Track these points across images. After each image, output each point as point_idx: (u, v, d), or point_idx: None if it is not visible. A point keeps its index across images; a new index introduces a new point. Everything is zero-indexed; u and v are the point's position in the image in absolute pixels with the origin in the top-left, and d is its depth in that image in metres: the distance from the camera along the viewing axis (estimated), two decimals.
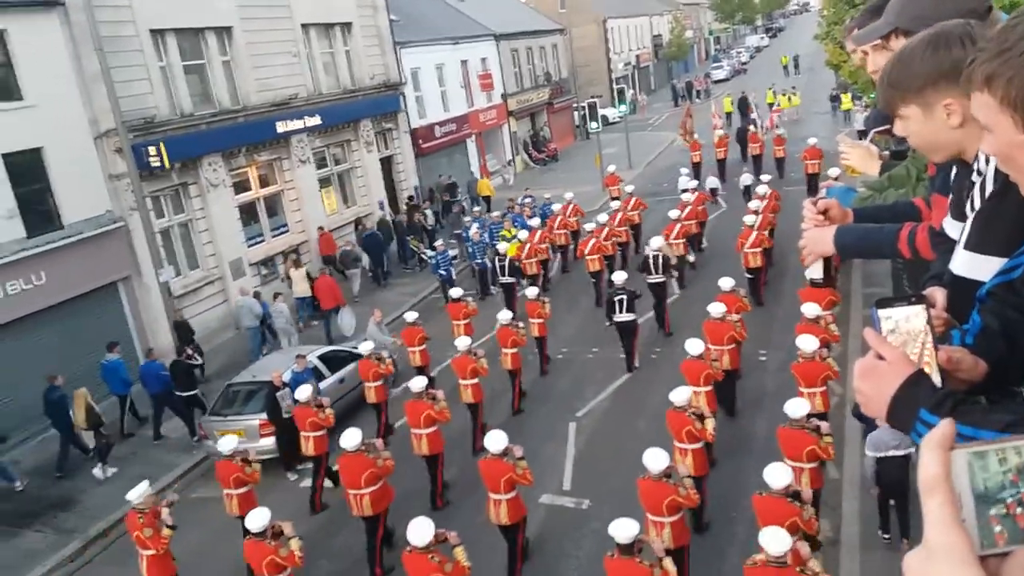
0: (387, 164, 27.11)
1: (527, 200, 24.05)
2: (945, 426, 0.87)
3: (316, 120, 22.71)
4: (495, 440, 9.05)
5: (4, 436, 13.58)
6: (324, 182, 24.13)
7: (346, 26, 24.97)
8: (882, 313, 1.44)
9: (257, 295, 18.33)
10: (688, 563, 8.36)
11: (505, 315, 13.86)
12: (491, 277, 19.77)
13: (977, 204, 1.81)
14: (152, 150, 17.19)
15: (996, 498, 0.80)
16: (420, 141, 28.78)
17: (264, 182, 21.83)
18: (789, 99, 39.48)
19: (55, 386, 13.55)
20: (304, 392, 11.62)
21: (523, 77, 39.03)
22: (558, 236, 20.87)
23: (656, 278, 15.86)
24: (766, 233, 16.84)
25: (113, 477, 13.39)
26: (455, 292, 16.09)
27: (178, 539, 11.62)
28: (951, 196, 1.99)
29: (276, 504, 11.86)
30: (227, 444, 10.57)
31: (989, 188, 1.77)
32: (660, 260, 15.81)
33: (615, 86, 39.32)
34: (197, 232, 19.22)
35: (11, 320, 14.66)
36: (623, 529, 7.00)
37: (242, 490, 10.62)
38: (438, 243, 20.39)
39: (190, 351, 15.48)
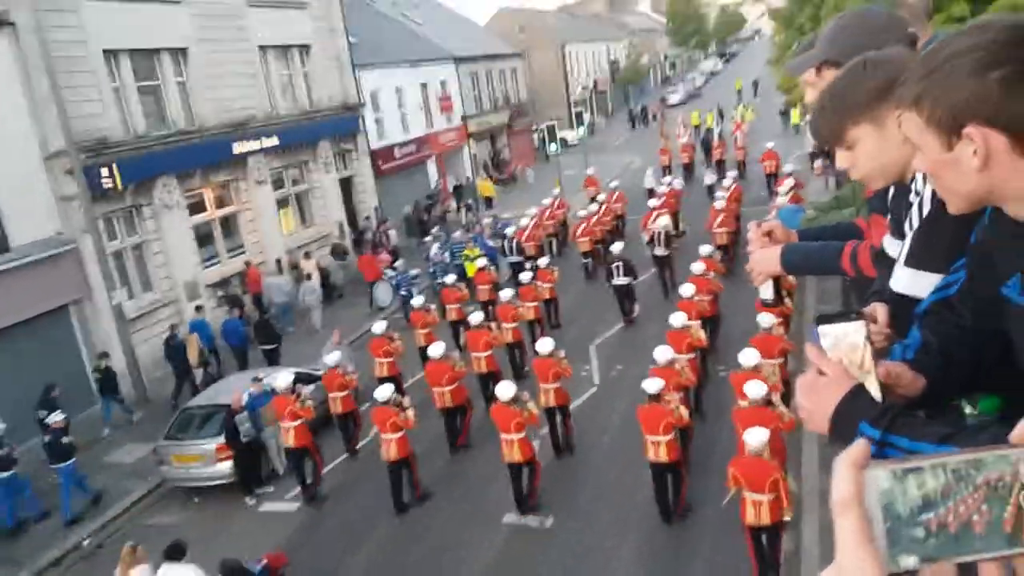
0: (346, 185, 26.98)
1: (487, 220, 24.16)
2: (859, 446, 0.88)
3: (273, 141, 22.52)
4: (544, 344, 12.24)
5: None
6: (282, 203, 23.89)
7: (304, 48, 24.90)
8: (822, 329, 1.48)
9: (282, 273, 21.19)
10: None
11: (507, 293, 15.89)
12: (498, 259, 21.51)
13: (915, 223, 1.87)
14: (104, 171, 16.88)
15: (916, 520, 0.81)
16: (380, 162, 28.73)
17: (220, 203, 21.54)
18: (743, 115, 41.12)
19: (175, 335, 16.65)
20: (384, 392, 11.29)
21: (483, 100, 39.29)
22: (547, 227, 23.85)
23: (661, 251, 18.73)
24: (732, 218, 19.99)
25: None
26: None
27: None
28: (890, 215, 2.05)
29: (236, 530, 11.69)
30: (383, 392, 11.29)
31: (927, 207, 1.83)
32: (664, 236, 18.66)
33: (574, 109, 39.79)
34: (151, 254, 18.87)
35: None
36: (652, 384, 9.92)
37: (398, 435, 11.13)
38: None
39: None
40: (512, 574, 9.93)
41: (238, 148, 21.17)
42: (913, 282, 1.83)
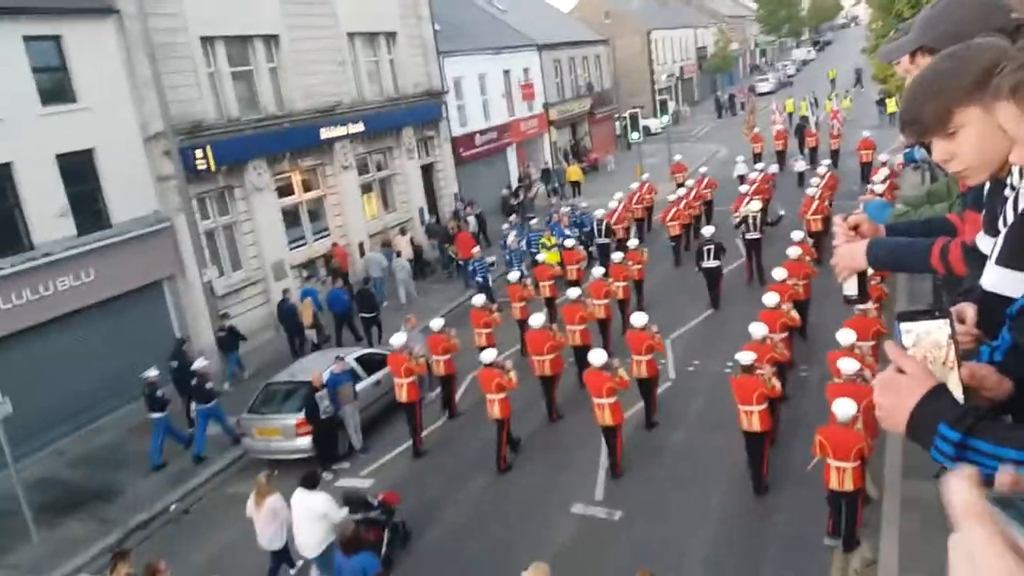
0: (427, 171, 27.35)
1: (564, 210, 24.07)
2: (968, 470, 0.86)
3: (359, 127, 23.00)
4: (639, 318, 12.83)
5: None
6: (366, 188, 24.42)
7: (391, 35, 25.28)
8: (904, 327, 1.44)
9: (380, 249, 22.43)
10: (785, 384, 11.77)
11: (591, 279, 15.96)
12: (588, 240, 21.93)
13: (1009, 219, 1.78)
14: (199, 153, 17.60)
15: None
16: (460, 149, 28.98)
17: (307, 187, 22.17)
18: (842, 101, 40.73)
19: (286, 299, 18.11)
20: (489, 355, 12.37)
21: (565, 87, 39.08)
22: (636, 211, 23.99)
23: (753, 235, 18.69)
24: (826, 204, 19.85)
25: (156, 473, 13.70)
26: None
27: (211, 535, 11.89)
28: (984, 211, 1.96)
29: None
30: (488, 355, 12.23)
31: (1022, 204, 1.74)
32: (756, 219, 18.65)
33: (658, 97, 39.25)
34: (241, 234, 19.59)
35: (60, 315, 15.07)
36: (745, 356, 10.43)
37: (501, 395, 12.02)
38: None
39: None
40: (578, 563, 9.95)
41: (325, 133, 21.71)
42: (1005, 281, 1.75)
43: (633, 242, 18.92)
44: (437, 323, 14.39)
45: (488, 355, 12.34)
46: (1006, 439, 1.29)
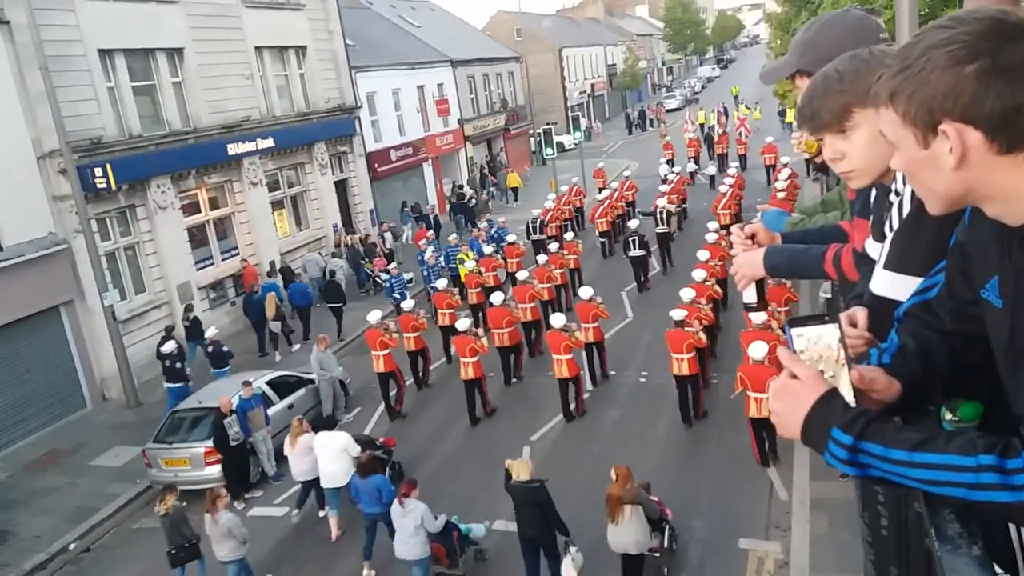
0: (342, 187, 26.93)
1: (482, 225, 24.15)
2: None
3: (269, 142, 22.46)
4: (585, 291, 14.72)
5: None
6: (277, 205, 23.84)
7: (301, 49, 24.86)
8: (795, 332, 1.44)
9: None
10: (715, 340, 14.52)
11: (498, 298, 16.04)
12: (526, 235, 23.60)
13: (895, 224, 1.83)
14: (98, 171, 16.78)
15: None
16: (375, 165, 28.68)
17: (214, 205, 21.47)
18: (752, 112, 43.38)
19: (254, 292, 18.93)
20: (463, 324, 14.03)
21: (480, 103, 39.26)
22: (566, 211, 25.87)
23: (663, 228, 21.04)
24: (735, 201, 22.12)
25: (55, 503, 12.90)
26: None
27: (114, 574, 11.27)
28: (872, 218, 2.01)
29: None
30: (463, 324, 14.00)
31: (907, 209, 1.78)
32: (666, 214, 20.96)
33: (570, 114, 39.99)
34: (144, 255, 18.78)
35: None
36: (677, 313, 12.49)
37: (475, 359, 13.62)
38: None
39: (337, 276, 20.50)
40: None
41: (233, 149, 21.11)
42: (893, 285, 1.79)
43: (569, 235, 21.10)
44: (408, 304, 16.24)
45: (463, 324, 14.05)
46: (895, 441, 1.30)
